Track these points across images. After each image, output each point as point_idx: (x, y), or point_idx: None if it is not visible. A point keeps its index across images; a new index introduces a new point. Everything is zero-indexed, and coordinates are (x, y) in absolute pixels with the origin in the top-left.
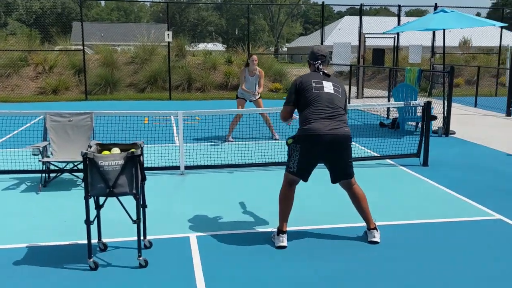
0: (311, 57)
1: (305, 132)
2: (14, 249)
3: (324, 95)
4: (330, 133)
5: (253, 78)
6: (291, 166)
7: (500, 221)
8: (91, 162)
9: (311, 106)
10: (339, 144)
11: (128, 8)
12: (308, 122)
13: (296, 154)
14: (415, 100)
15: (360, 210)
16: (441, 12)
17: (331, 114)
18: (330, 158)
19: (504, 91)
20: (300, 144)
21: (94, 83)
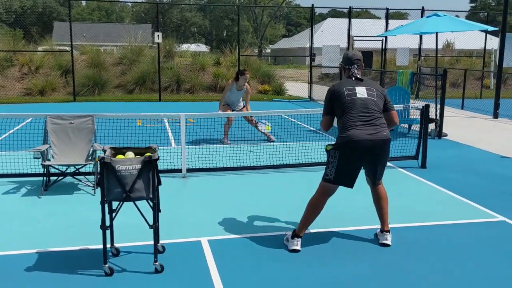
0: (347, 62)
1: (344, 139)
2: (24, 255)
3: (357, 101)
4: (369, 138)
5: (239, 92)
6: (328, 173)
7: (504, 222)
8: (108, 167)
9: (346, 113)
10: (379, 149)
11: (109, 8)
12: (347, 129)
13: (334, 160)
14: (408, 102)
15: (379, 210)
16: (434, 16)
17: (368, 119)
18: (370, 162)
19: (488, 93)
20: (339, 150)
21: (81, 84)
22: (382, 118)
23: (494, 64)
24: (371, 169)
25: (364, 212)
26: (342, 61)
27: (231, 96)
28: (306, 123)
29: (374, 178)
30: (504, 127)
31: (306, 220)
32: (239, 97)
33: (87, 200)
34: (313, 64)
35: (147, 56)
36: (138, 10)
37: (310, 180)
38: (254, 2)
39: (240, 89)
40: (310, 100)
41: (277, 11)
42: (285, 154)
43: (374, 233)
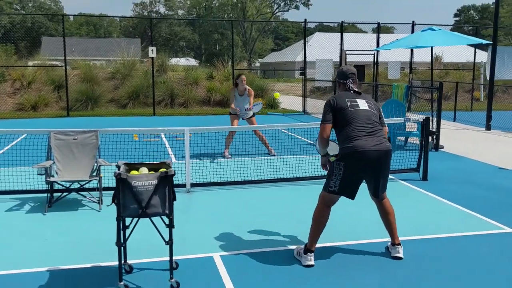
0: (341, 77)
1: (349, 150)
2: (36, 273)
3: (361, 112)
4: (375, 149)
5: (242, 97)
6: (332, 185)
7: (511, 234)
8: (124, 183)
9: (350, 124)
10: (383, 159)
11: (97, 23)
12: (351, 140)
13: (338, 172)
14: (404, 115)
15: (387, 224)
16: (429, 30)
17: (371, 130)
18: (374, 173)
19: (478, 105)
20: (344, 161)
21: (74, 99)
22: (382, 130)
23: (484, 77)
24: (375, 181)
25: (372, 225)
26: (337, 76)
27: (237, 103)
28: (304, 136)
29: (378, 191)
30: (497, 139)
31: (315, 234)
32: (245, 102)
33: (93, 216)
34: (306, 77)
35: (139, 70)
36: (127, 25)
37: (314, 192)
38: (243, 17)
39: (242, 93)
40: (304, 114)
41: (265, 25)
42: (287, 168)
43: (385, 246)
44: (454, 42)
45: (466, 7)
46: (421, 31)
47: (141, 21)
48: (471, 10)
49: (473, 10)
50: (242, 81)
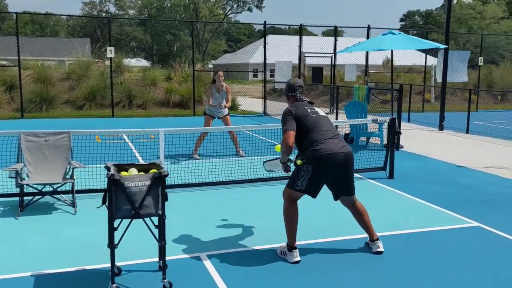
0: (289, 90)
1: (317, 153)
2: (20, 278)
3: (322, 118)
4: (341, 151)
5: (219, 94)
6: (299, 184)
7: (479, 228)
8: (117, 184)
9: (314, 129)
10: (349, 162)
11: (43, 22)
12: (318, 143)
13: (306, 174)
14: (365, 116)
15: (363, 225)
16: (389, 34)
17: (334, 134)
18: (339, 175)
19: (429, 107)
20: (312, 164)
21: (28, 100)
22: (340, 134)
23: (435, 80)
24: (342, 184)
25: (350, 222)
26: (285, 90)
27: (214, 100)
28: (267, 137)
29: (348, 193)
30: (451, 139)
31: (291, 230)
32: (221, 100)
33: (69, 219)
34: (264, 79)
35: (95, 71)
36: (74, 24)
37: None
38: (196, 18)
39: (220, 91)
40: (265, 115)
41: (218, 27)
42: (257, 168)
43: (364, 242)
44: (414, 46)
45: (411, 12)
46: (382, 34)
47: (91, 20)
48: (416, 15)
49: (417, 16)
50: (219, 77)
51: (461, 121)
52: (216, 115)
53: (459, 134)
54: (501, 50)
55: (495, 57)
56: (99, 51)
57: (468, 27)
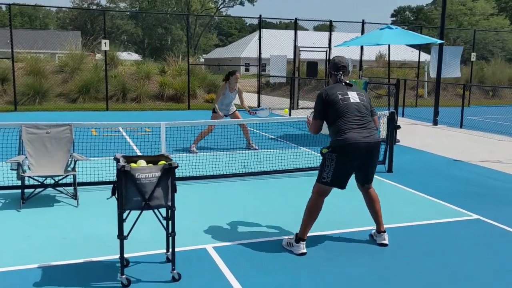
0: (333, 68)
1: (341, 142)
2: (27, 270)
3: (352, 105)
4: (365, 141)
5: (233, 93)
6: (324, 176)
7: (479, 220)
8: (127, 175)
9: (342, 117)
10: (373, 151)
11: (33, 14)
12: (343, 132)
13: (331, 163)
14: None
15: (373, 212)
16: (387, 28)
17: (362, 123)
18: (364, 164)
19: (422, 102)
20: (336, 153)
21: (21, 93)
22: (372, 122)
23: (428, 75)
24: (363, 172)
25: (353, 214)
26: (330, 66)
27: (225, 100)
28: (267, 132)
29: (366, 181)
30: (446, 133)
31: (307, 223)
32: (233, 99)
33: (72, 211)
34: (259, 73)
35: (89, 64)
36: (64, 17)
37: (291, 185)
38: (188, 11)
39: (233, 90)
40: None
41: (210, 21)
42: (263, 161)
43: (368, 234)
44: (411, 41)
45: (402, 8)
46: (380, 29)
47: (81, 13)
48: (407, 11)
49: (408, 11)
50: (236, 79)
51: (454, 116)
52: (225, 113)
53: (453, 129)
54: (490, 46)
55: (485, 53)
56: (92, 44)
57: (458, 23)
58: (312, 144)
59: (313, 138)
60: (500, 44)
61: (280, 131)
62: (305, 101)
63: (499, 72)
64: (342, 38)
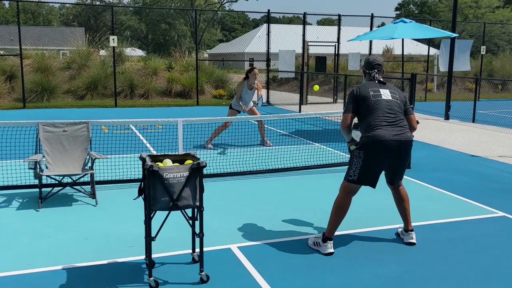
0: (367, 67)
1: (370, 139)
2: (50, 272)
3: (383, 102)
4: (395, 138)
5: (251, 91)
6: (351, 174)
7: (504, 217)
8: (155, 175)
9: (372, 113)
10: (403, 149)
11: (36, 11)
12: (372, 129)
13: (358, 161)
14: None
15: (402, 210)
16: (400, 22)
17: (393, 120)
18: (393, 163)
19: (431, 96)
20: (364, 150)
21: (29, 90)
22: (404, 120)
23: (437, 69)
24: (393, 170)
25: (379, 213)
26: (363, 65)
27: (245, 97)
28: (278, 128)
29: (395, 179)
30: (459, 128)
31: (335, 222)
32: (252, 96)
33: (91, 211)
34: (268, 68)
35: (96, 60)
36: (67, 13)
37: (313, 182)
38: (191, 7)
39: (251, 88)
40: (268, 105)
41: (213, 16)
42: (280, 158)
43: (394, 232)
44: (425, 35)
45: (406, 1)
46: (393, 23)
47: (85, 9)
48: (411, 5)
49: (412, 5)
50: (254, 75)
51: (464, 110)
52: (242, 111)
53: (465, 123)
54: (496, 39)
55: (490, 46)
56: (99, 40)
57: (463, 16)
58: (328, 140)
59: (328, 134)
60: (506, 37)
61: (292, 127)
62: (314, 96)
63: (508, 65)
64: (349, 32)
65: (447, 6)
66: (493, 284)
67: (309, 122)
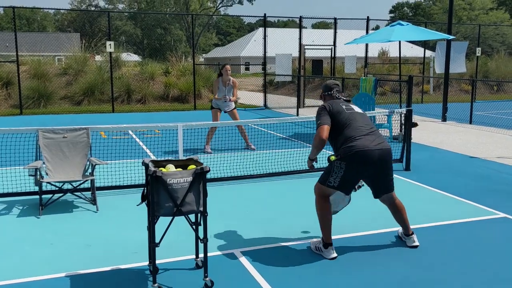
0: (326, 89)
1: (352, 150)
2: (53, 279)
3: (357, 114)
4: (377, 147)
5: (226, 88)
6: (331, 181)
7: (506, 218)
8: (159, 181)
9: (349, 125)
10: (386, 159)
11: (31, 17)
12: (352, 140)
13: (339, 171)
14: (373, 108)
15: (400, 221)
16: (397, 25)
17: (370, 130)
18: (376, 173)
19: (427, 98)
20: (346, 161)
21: (26, 96)
22: (378, 130)
23: (433, 71)
24: (376, 181)
25: (378, 215)
26: (322, 90)
27: (220, 94)
28: (275, 131)
29: (386, 190)
30: (457, 130)
31: (325, 226)
32: (228, 91)
33: (92, 217)
34: (265, 72)
35: (92, 65)
36: (62, 19)
37: (307, 186)
38: (186, 11)
39: (226, 84)
40: (266, 108)
41: (208, 20)
42: (280, 161)
43: (394, 235)
44: (422, 37)
45: (400, 3)
46: (390, 25)
47: (79, 15)
48: (405, 7)
49: (406, 7)
50: (226, 71)
51: (461, 111)
52: (223, 108)
53: (463, 125)
54: (490, 41)
55: (484, 47)
56: (95, 46)
57: (457, 18)
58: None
59: None
60: (500, 38)
61: (291, 130)
62: (310, 99)
63: (503, 67)
64: (344, 35)
65: (441, 8)
66: (497, 286)
67: (307, 125)
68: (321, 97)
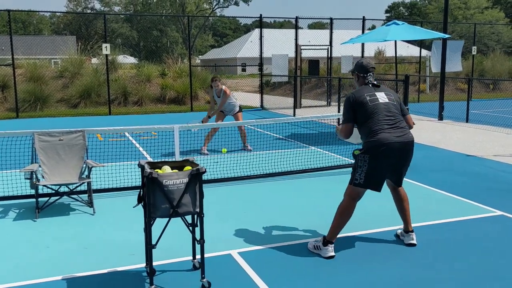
0: (361, 70)
1: (374, 144)
2: (50, 283)
3: (381, 105)
4: (399, 140)
5: (220, 98)
6: (357, 178)
7: (503, 216)
8: (155, 182)
9: (372, 118)
10: (407, 151)
11: (26, 20)
12: (375, 133)
13: (364, 165)
14: None
15: (402, 211)
16: (393, 24)
17: (393, 122)
18: (398, 164)
19: (424, 97)
20: (369, 154)
21: (22, 100)
22: (403, 121)
23: (429, 70)
24: (396, 171)
25: (377, 214)
26: (356, 69)
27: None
28: (272, 131)
29: (399, 181)
30: (453, 128)
31: (338, 226)
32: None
33: (89, 220)
34: (261, 73)
35: (88, 68)
36: (58, 22)
37: (311, 185)
38: (182, 13)
39: (220, 94)
40: (262, 109)
41: (204, 22)
42: (276, 162)
43: (393, 234)
44: (418, 36)
45: (396, 3)
46: (386, 25)
47: (75, 17)
48: (401, 7)
49: (402, 7)
50: (214, 83)
51: (457, 110)
52: (227, 112)
53: (459, 123)
54: (485, 39)
55: (480, 46)
56: (91, 48)
57: (453, 17)
58: (324, 143)
59: (324, 137)
60: (495, 37)
61: (287, 131)
62: (307, 99)
63: (499, 65)
64: (340, 35)
65: (437, 7)
66: (495, 283)
67: (304, 126)
68: (353, 74)
